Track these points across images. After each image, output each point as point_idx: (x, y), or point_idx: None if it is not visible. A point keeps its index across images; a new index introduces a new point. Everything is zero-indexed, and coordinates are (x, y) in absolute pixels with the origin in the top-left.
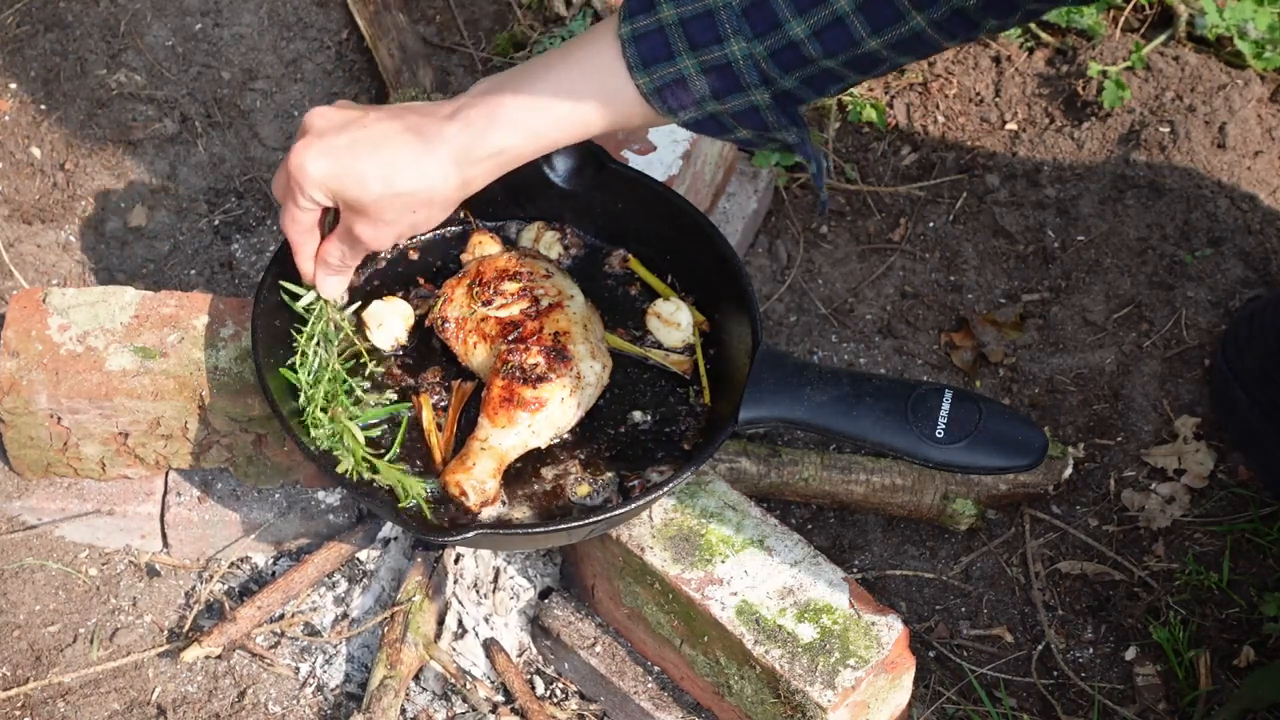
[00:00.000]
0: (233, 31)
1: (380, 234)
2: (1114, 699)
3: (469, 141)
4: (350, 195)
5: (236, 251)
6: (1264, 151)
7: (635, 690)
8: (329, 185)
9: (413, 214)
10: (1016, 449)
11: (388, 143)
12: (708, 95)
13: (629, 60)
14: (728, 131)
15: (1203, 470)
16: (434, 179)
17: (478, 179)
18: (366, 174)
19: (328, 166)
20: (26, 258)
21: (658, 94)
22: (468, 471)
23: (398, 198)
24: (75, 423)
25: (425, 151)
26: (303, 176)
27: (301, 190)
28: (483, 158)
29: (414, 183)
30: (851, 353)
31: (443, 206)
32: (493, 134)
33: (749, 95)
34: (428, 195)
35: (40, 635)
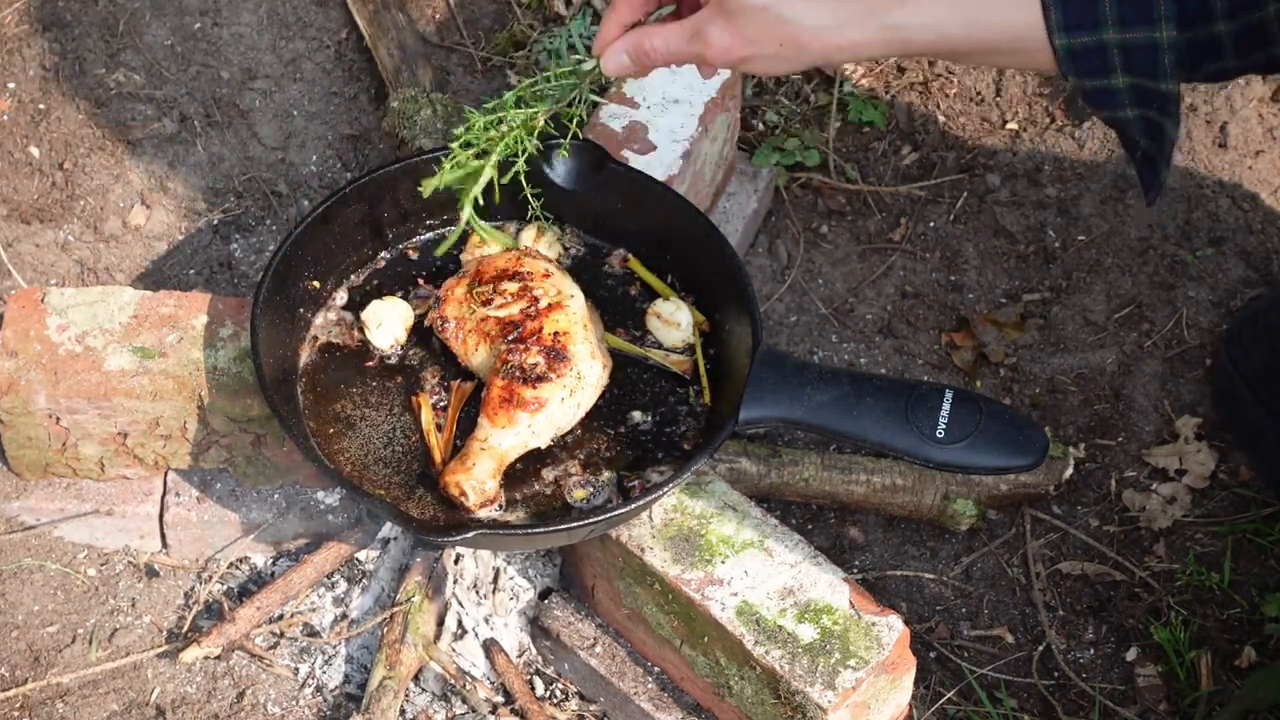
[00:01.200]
0: (232, 31)
1: (731, 48)
2: (1115, 700)
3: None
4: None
5: (235, 251)
6: (1265, 151)
7: (635, 691)
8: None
9: (777, 45)
10: (1017, 449)
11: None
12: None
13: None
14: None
15: (1204, 470)
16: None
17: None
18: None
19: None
20: (25, 257)
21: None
22: (467, 472)
23: (777, 20)
24: (74, 423)
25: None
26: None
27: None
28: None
29: (801, 15)
30: (852, 353)
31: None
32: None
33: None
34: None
35: (39, 636)
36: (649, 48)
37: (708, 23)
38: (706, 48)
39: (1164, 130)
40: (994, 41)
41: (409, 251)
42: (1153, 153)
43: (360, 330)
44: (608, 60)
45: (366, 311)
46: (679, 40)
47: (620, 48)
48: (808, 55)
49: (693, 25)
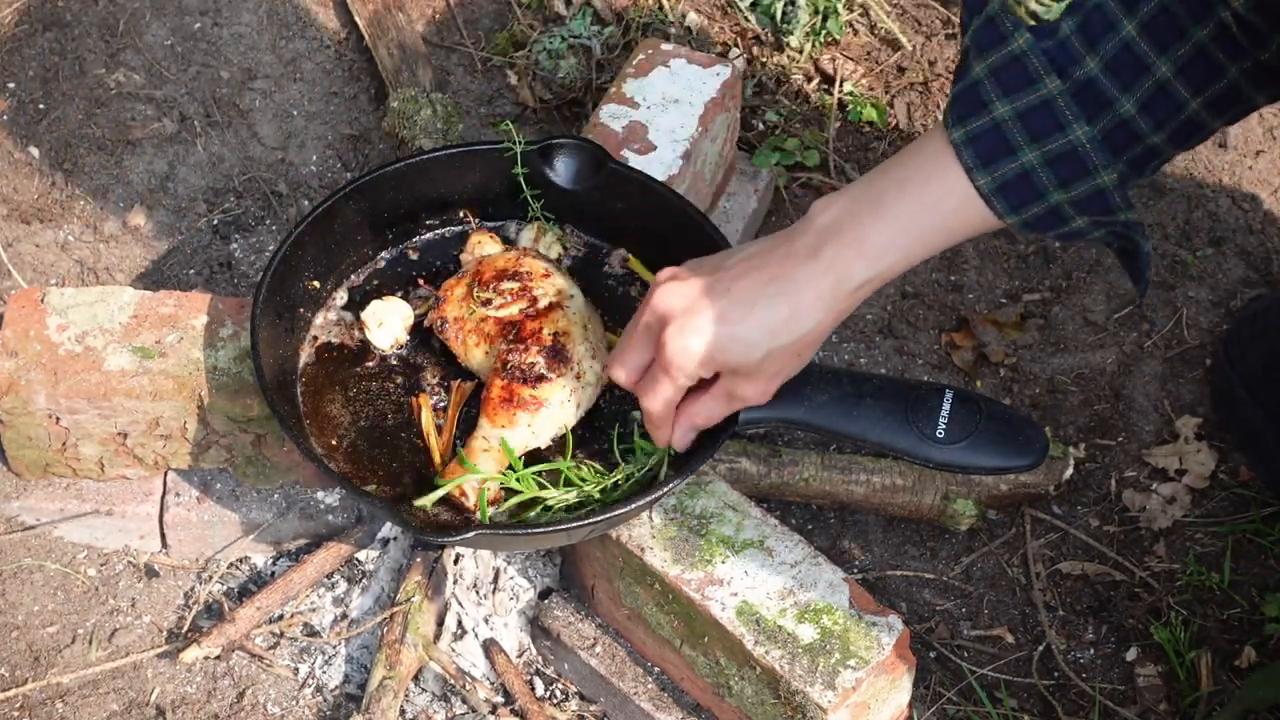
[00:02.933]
0: (232, 31)
1: (766, 388)
2: (1115, 700)
3: (838, 279)
4: (736, 362)
5: (235, 251)
6: (1265, 151)
7: (635, 691)
8: (713, 359)
9: (796, 358)
10: (1017, 449)
11: (758, 303)
12: (1053, 186)
13: (966, 163)
14: (1063, 223)
15: (1204, 470)
16: (812, 322)
17: (849, 310)
18: (747, 339)
19: (708, 342)
20: (25, 257)
21: (1000, 193)
22: None
23: (783, 351)
24: (74, 423)
25: (798, 302)
26: (685, 358)
27: (684, 371)
28: (854, 289)
29: (795, 333)
30: (851, 353)
31: (819, 341)
32: (860, 267)
33: (1096, 178)
34: (809, 338)
35: (39, 636)
36: (702, 423)
37: (734, 387)
38: (746, 401)
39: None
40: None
41: (409, 251)
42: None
43: (360, 330)
44: (679, 443)
45: (366, 311)
46: (721, 408)
47: (682, 432)
48: (820, 339)
49: (724, 393)
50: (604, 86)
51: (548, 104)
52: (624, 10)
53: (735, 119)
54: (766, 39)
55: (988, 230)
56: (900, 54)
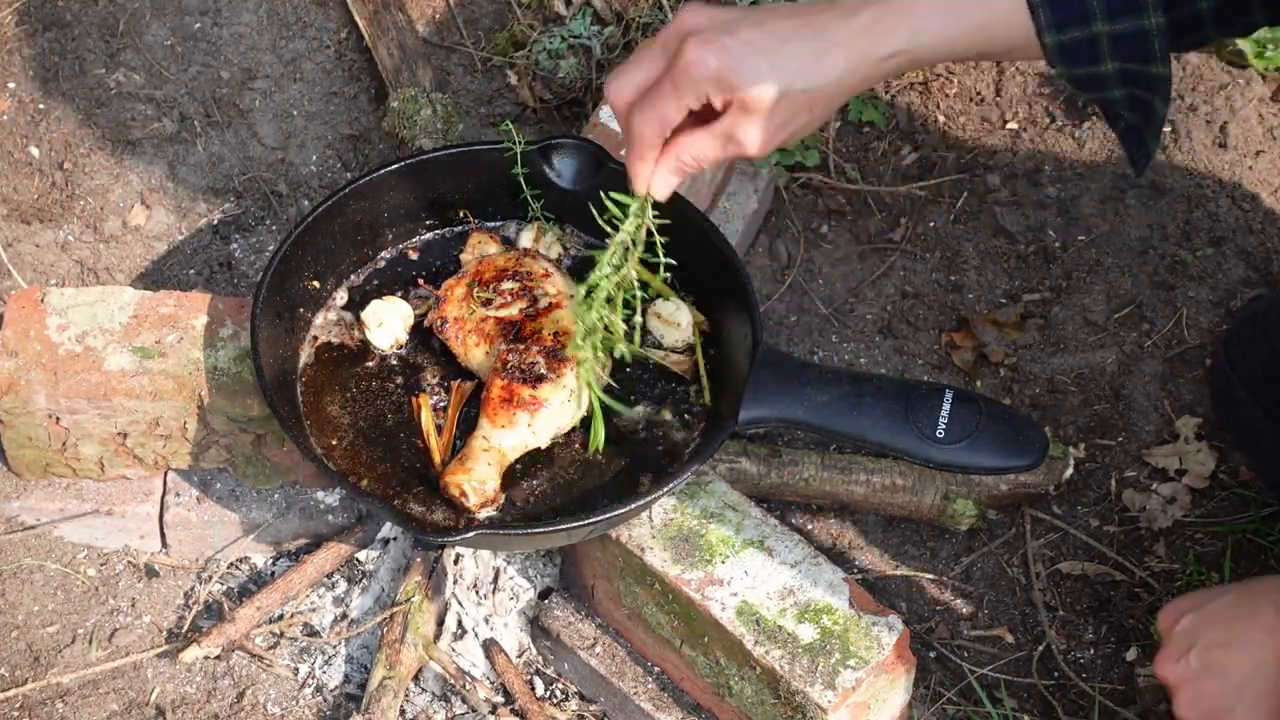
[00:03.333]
0: (232, 31)
1: (769, 137)
2: (1115, 700)
3: (873, 40)
4: (746, 93)
5: (235, 251)
6: (1265, 151)
7: (635, 691)
8: (729, 80)
9: (808, 113)
10: (1017, 449)
11: (791, 38)
12: (1102, 13)
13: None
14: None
15: (1204, 470)
16: (834, 76)
17: (874, 77)
18: (768, 70)
19: (729, 61)
20: (25, 257)
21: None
22: (467, 472)
23: (800, 95)
24: (74, 423)
25: (831, 47)
26: (700, 69)
27: (694, 85)
28: (887, 55)
29: (818, 78)
30: (852, 353)
31: (835, 105)
32: (901, 32)
33: (1142, 18)
34: (827, 93)
35: (39, 636)
36: (688, 159)
37: (736, 126)
38: (743, 147)
39: (1153, 107)
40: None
41: (409, 251)
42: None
43: (360, 330)
44: (658, 184)
45: (366, 311)
46: (714, 148)
47: (663, 169)
48: (836, 102)
49: (723, 131)
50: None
51: (548, 104)
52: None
53: None
54: None
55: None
56: None
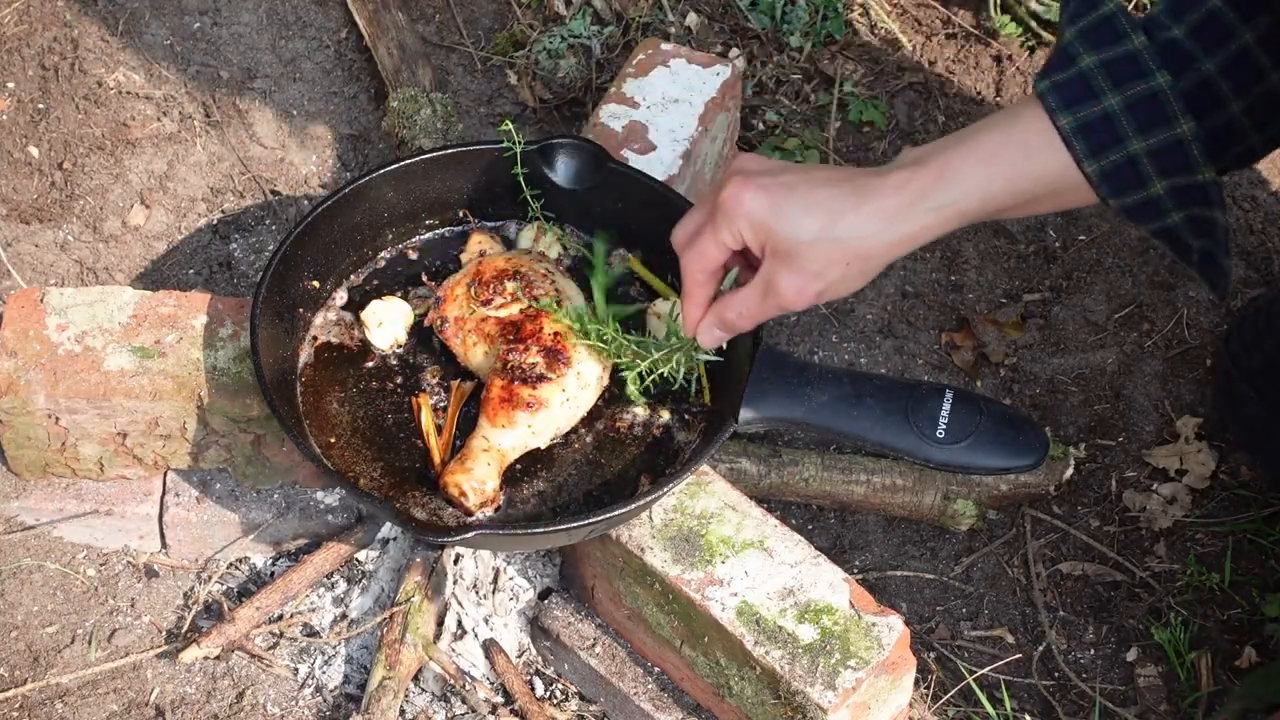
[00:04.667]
0: (231, 30)
1: (804, 287)
2: (1115, 700)
3: (914, 196)
4: (783, 235)
5: (235, 251)
6: None
7: (635, 691)
8: (765, 221)
9: (845, 266)
10: (1017, 449)
11: (827, 186)
12: (1133, 130)
13: (1050, 105)
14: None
15: (1204, 471)
16: (874, 229)
17: (916, 236)
18: (805, 215)
19: (765, 201)
20: (24, 257)
21: (1080, 133)
22: (467, 472)
23: (834, 245)
24: (73, 423)
25: (867, 201)
26: (738, 209)
27: (730, 223)
28: (925, 211)
29: (854, 231)
30: (852, 353)
31: (875, 263)
32: (938, 191)
33: (1174, 127)
34: (864, 247)
35: (38, 636)
36: (733, 318)
37: (774, 274)
38: (781, 298)
39: (1214, 222)
40: (1035, 190)
41: (409, 251)
42: (1210, 248)
43: (360, 330)
44: (703, 336)
45: (366, 311)
46: (755, 303)
47: (709, 324)
48: (875, 261)
49: (763, 283)
50: (604, 86)
51: (548, 104)
52: (624, 10)
53: (735, 119)
54: (766, 39)
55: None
56: (900, 54)
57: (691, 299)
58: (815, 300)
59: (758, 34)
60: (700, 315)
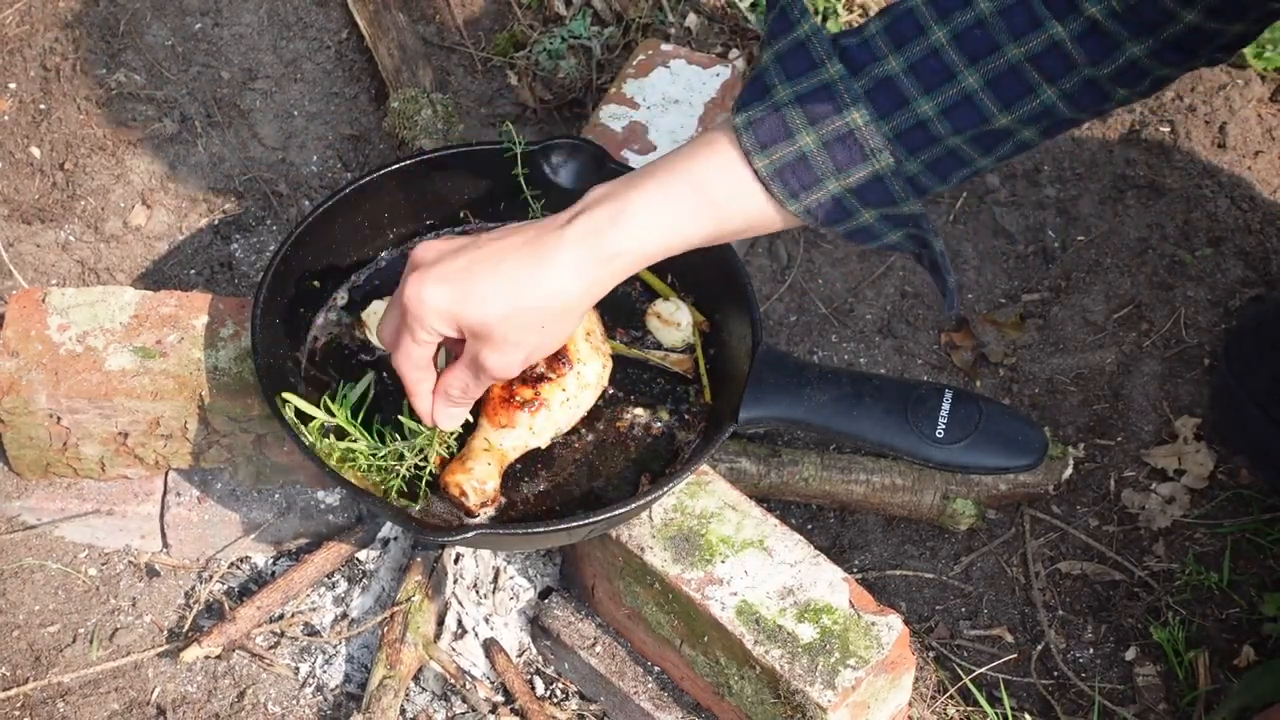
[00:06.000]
0: (232, 31)
1: (509, 358)
2: (1114, 699)
3: (593, 245)
4: (474, 318)
5: (236, 251)
6: (1264, 151)
7: (635, 690)
8: (451, 311)
9: (541, 330)
10: (1017, 449)
11: (506, 259)
12: (830, 170)
13: (745, 147)
14: (850, 217)
15: (1203, 470)
16: (558, 287)
17: (604, 281)
18: (489, 293)
19: (448, 292)
20: (26, 257)
21: (778, 176)
22: (468, 472)
23: (524, 314)
24: (75, 423)
25: (546, 261)
26: (421, 308)
27: (421, 323)
28: (608, 258)
29: (539, 295)
30: (851, 353)
31: (571, 318)
32: (616, 234)
33: (872, 162)
34: (555, 307)
35: (39, 635)
36: (455, 395)
37: (477, 353)
38: (491, 371)
39: (930, 245)
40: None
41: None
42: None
43: (360, 330)
44: (442, 420)
45: (368, 311)
46: (469, 378)
47: (440, 407)
48: (572, 314)
49: (469, 360)
50: (604, 86)
51: (548, 104)
52: (624, 10)
53: None
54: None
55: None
56: None
57: (418, 395)
58: (525, 365)
59: (758, 34)
60: (431, 404)
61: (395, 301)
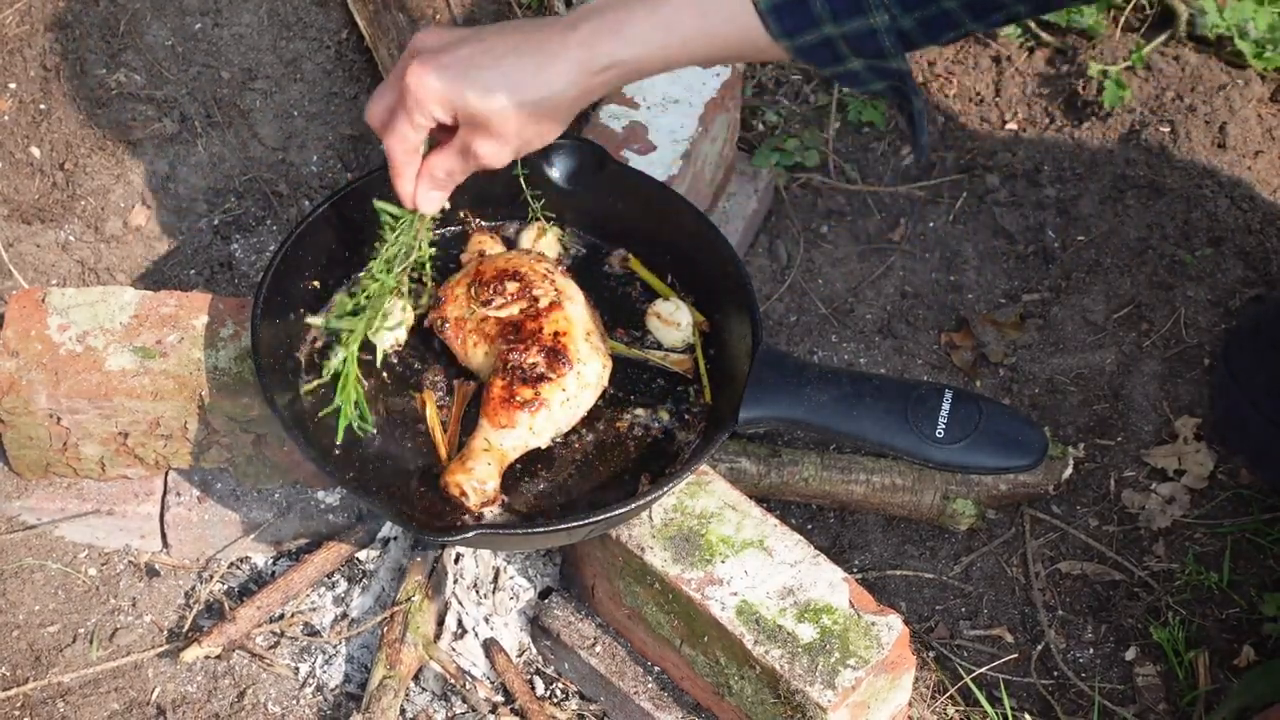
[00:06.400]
0: (232, 31)
1: (500, 149)
2: (1114, 699)
3: (589, 53)
4: (473, 108)
5: (236, 251)
6: (1264, 151)
7: (635, 690)
8: (451, 100)
9: (536, 125)
10: (1017, 449)
11: (509, 54)
12: (826, 15)
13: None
14: (839, 61)
15: (1203, 471)
16: (557, 87)
17: (596, 89)
18: (489, 85)
19: (449, 80)
20: (26, 257)
21: (774, 12)
22: (468, 472)
23: (522, 108)
24: (75, 423)
25: (548, 60)
26: (422, 91)
27: (420, 107)
28: (604, 67)
29: (538, 91)
30: (851, 353)
31: (562, 118)
32: (616, 44)
33: (869, 17)
34: (552, 105)
35: (40, 635)
36: (440, 177)
37: (470, 140)
38: (481, 160)
39: (909, 99)
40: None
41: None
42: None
43: None
44: (422, 204)
45: None
46: (456, 162)
47: (424, 189)
48: (564, 114)
49: (460, 144)
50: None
51: None
52: None
53: (735, 119)
54: None
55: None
56: None
57: (402, 177)
58: (516, 155)
59: None
60: (414, 189)
61: (392, 84)
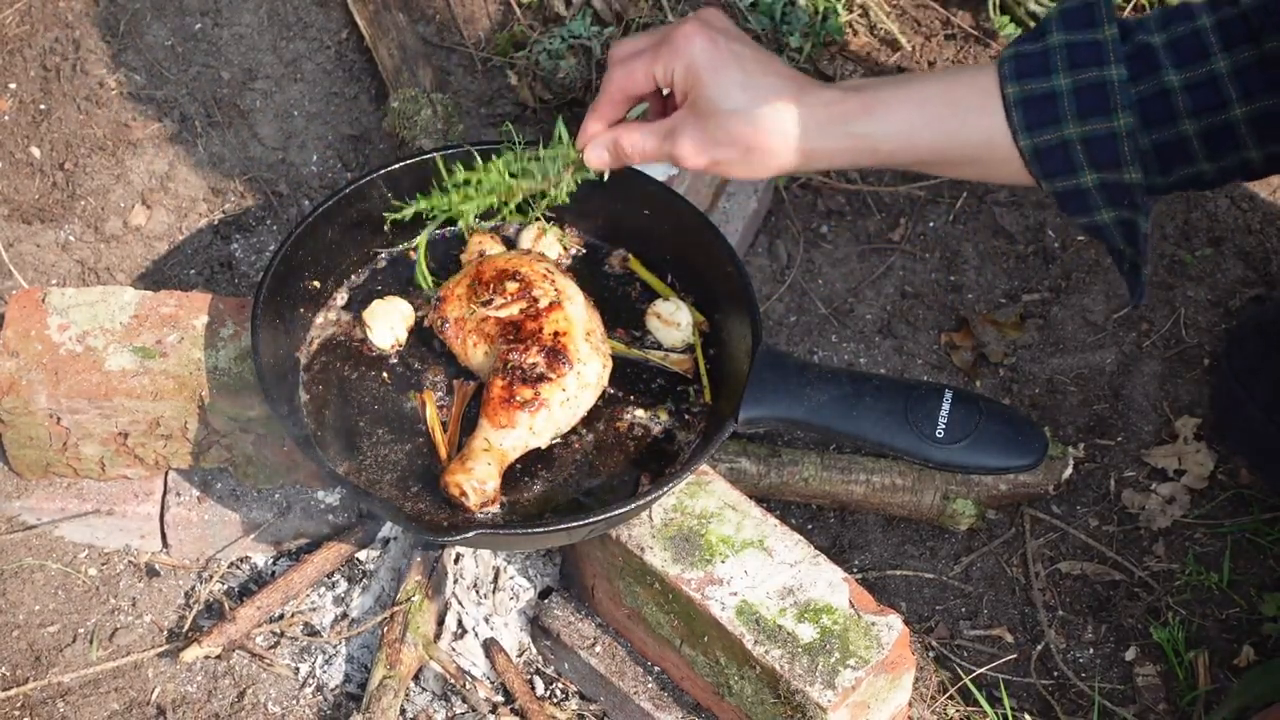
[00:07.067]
0: (232, 31)
1: (701, 150)
2: (1114, 699)
3: (840, 113)
4: (709, 94)
5: (236, 251)
6: None
7: (635, 690)
8: (699, 72)
9: (745, 151)
10: (1017, 449)
11: (771, 76)
12: (1072, 114)
13: (1003, 73)
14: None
15: (1203, 471)
16: (788, 129)
17: (821, 155)
18: (737, 86)
19: (711, 56)
20: (26, 257)
21: (1021, 105)
22: (468, 472)
23: (748, 126)
24: (75, 423)
25: (797, 101)
26: (686, 46)
27: (671, 57)
28: (844, 134)
29: (772, 122)
30: (851, 353)
31: (771, 164)
32: (865, 117)
33: (1112, 119)
34: (772, 142)
35: (40, 635)
36: (626, 145)
37: (682, 125)
38: (677, 149)
39: (1138, 227)
40: (962, 150)
41: (409, 252)
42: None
43: (361, 330)
44: (589, 154)
45: (367, 311)
46: (653, 140)
47: (601, 143)
48: (775, 161)
49: (668, 126)
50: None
51: (548, 104)
52: (624, 10)
53: None
54: (766, 39)
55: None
56: (900, 54)
57: (597, 113)
58: (702, 167)
59: (758, 35)
60: (597, 131)
61: (660, 30)
